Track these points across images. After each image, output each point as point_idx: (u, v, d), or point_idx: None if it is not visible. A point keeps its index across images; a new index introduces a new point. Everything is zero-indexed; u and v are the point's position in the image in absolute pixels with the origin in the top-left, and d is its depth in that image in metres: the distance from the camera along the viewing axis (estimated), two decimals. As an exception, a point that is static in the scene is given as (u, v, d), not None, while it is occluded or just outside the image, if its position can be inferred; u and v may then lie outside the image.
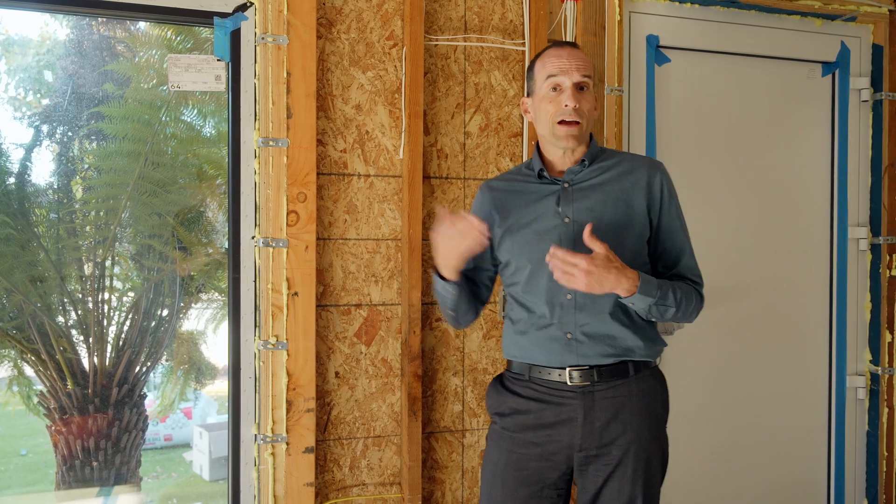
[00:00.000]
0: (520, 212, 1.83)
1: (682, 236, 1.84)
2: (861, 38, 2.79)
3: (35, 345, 3.99)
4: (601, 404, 1.76)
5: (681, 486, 2.63)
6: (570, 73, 1.75)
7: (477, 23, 2.34)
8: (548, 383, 1.79)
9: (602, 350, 1.76)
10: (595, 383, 1.76)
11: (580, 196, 1.79)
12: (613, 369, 1.77)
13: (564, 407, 1.77)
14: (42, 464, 4.68)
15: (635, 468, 1.76)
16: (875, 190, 2.80)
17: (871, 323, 2.80)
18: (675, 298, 1.74)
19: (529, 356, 1.81)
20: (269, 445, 2.12)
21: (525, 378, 1.82)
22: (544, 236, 1.78)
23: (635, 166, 1.82)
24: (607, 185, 1.80)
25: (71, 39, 4.04)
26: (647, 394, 1.79)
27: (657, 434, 1.80)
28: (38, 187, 4.09)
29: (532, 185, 1.85)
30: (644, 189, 1.79)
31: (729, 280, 2.67)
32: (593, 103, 1.80)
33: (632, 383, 1.77)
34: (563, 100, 1.75)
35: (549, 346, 1.78)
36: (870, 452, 2.81)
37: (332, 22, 2.21)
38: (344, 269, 2.23)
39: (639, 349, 1.78)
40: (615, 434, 1.75)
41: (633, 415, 1.76)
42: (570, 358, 1.76)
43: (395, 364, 2.28)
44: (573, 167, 1.80)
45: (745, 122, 2.69)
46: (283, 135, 2.12)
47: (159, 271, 4.35)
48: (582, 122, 1.75)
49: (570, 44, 1.83)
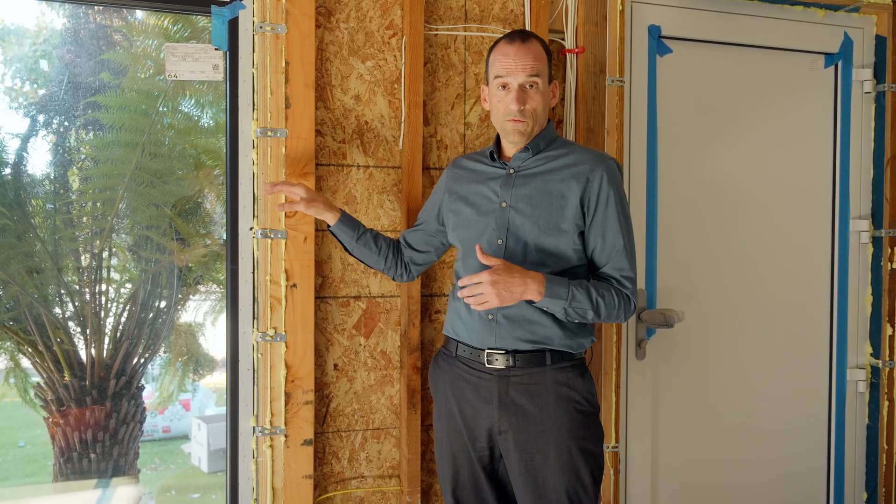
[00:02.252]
0: (468, 191, 1.91)
1: (618, 235, 1.81)
2: (864, 29, 2.77)
3: (32, 336, 3.98)
4: (516, 388, 1.80)
5: (681, 477, 2.63)
6: (515, 75, 1.78)
7: (477, 12, 2.31)
8: (469, 362, 1.86)
9: (521, 334, 1.79)
10: (511, 368, 1.80)
11: (521, 183, 1.84)
12: (531, 356, 1.80)
13: (482, 388, 1.82)
14: (40, 455, 4.67)
15: (558, 457, 1.77)
16: (877, 182, 2.78)
17: (872, 316, 2.80)
18: (591, 300, 1.74)
19: (456, 332, 1.89)
20: (267, 438, 2.11)
21: (452, 355, 1.90)
22: (482, 218, 1.85)
23: (581, 160, 1.83)
24: (548, 175, 1.83)
25: (67, 28, 4.01)
26: (565, 383, 1.80)
27: (580, 424, 1.80)
28: (34, 178, 4.06)
29: (486, 167, 1.92)
30: (582, 183, 1.80)
31: (729, 273, 2.66)
32: (543, 99, 1.81)
33: (548, 372, 1.79)
34: (509, 101, 1.78)
35: (474, 325, 1.83)
36: (870, 445, 2.81)
37: (331, 11, 2.19)
38: (343, 260, 2.22)
39: (558, 338, 1.80)
40: (532, 421, 1.78)
41: (550, 403, 1.79)
42: (489, 339, 1.81)
43: (394, 356, 2.27)
44: (518, 153, 1.86)
45: (746, 112, 2.67)
46: (282, 125, 2.10)
47: (157, 262, 4.33)
48: (528, 121, 1.80)
49: (521, 36, 1.81)
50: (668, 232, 2.57)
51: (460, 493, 1.92)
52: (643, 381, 2.56)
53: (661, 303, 2.57)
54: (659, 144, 2.55)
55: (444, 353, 1.95)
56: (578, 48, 2.36)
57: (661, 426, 2.59)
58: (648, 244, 2.54)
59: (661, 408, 2.59)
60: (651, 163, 2.54)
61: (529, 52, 1.78)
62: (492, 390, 1.81)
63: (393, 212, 2.26)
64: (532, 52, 1.78)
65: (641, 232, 2.53)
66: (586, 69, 2.36)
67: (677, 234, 2.59)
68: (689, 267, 2.61)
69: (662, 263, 2.57)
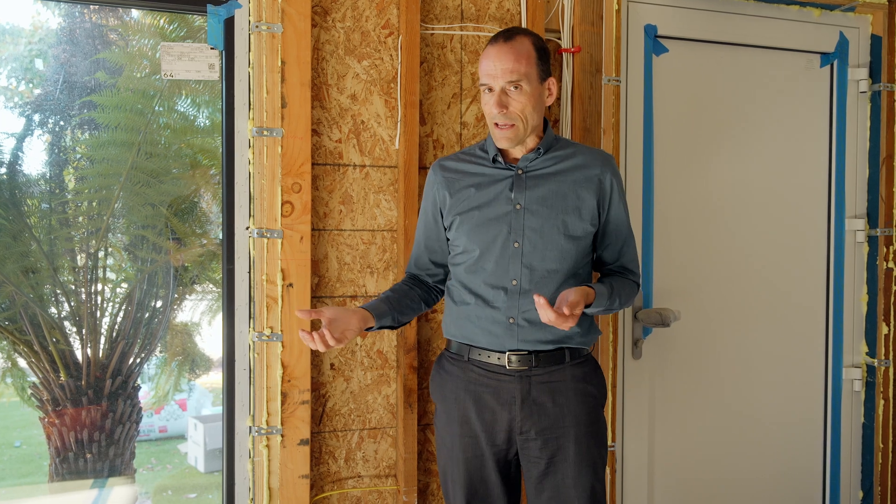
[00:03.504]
0: (472, 194, 1.86)
1: (626, 230, 1.90)
2: (860, 28, 2.77)
3: (28, 336, 3.96)
4: (538, 388, 1.81)
5: (677, 476, 2.63)
6: (495, 79, 1.77)
7: (473, 11, 2.31)
8: (486, 365, 1.84)
9: (542, 336, 1.80)
10: (532, 368, 1.81)
11: (533, 184, 1.82)
12: (551, 355, 1.82)
13: (502, 390, 1.81)
14: (36, 455, 4.66)
15: (577, 451, 1.80)
16: (873, 182, 2.79)
17: (868, 315, 2.80)
18: (620, 299, 1.83)
19: (470, 337, 1.85)
20: (263, 437, 2.11)
21: (464, 359, 1.87)
22: (494, 221, 1.82)
23: (589, 160, 1.86)
24: (561, 176, 1.83)
25: (63, 28, 4.00)
26: (583, 379, 1.84)
27: (595, 418, 1.85)
28: (29, 177, 4.05)
29: (486, 169, 1.88)
30: (596, 184, 1.84)
31: (726, 272, 2.67)
32: (530, 100, 1.77)
33: (567, 369, 1.83)
34: (491, 105, 1.78)
35: (492, 328, 1.82)
36: (865, 444, 2.82)
37: (328, 10, 2.18)
38: (339, 260, 2.22)
39: (577, 336, 1.83)
40: (553, 418, 1.80)
41: (570, 399, 1.81)
42: (510, 342, 1.80)
43: (390, 356, 2.27)
44: (528, 154, 1.84)
45: (742, 112, 2.68)
46: (278, 124, 2.10)
47: (153, 262, 4.32)
48: (516, 124, 1.78)
49: (505, 35, 1.79)
50: (665, 231, 2.57)
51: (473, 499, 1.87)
52: (640, 380, 2.57)
53: (658, 302, 2.58)
54: (655, 143, 2.55)
55: (451, 358, 1.90)
56: (575, 48, 2.36)
57: (657, 425, 2.60)
58: (645, 243, 2.54)
59: (658, 407, 2.60)
60: (647, 162, 2.54)
61: (511, 52, 1.75)
62: (513, 391, 1.80)
63: (389, 211, 2.26)
64: (514, 52, 1.75)
65: (638, 231, 2.53)
66: (582, 69, 2.37)
67: (674, 232, 2.59)
68: (686, 266, 2.62)
69: (659, 262, 2.57)
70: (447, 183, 1.90)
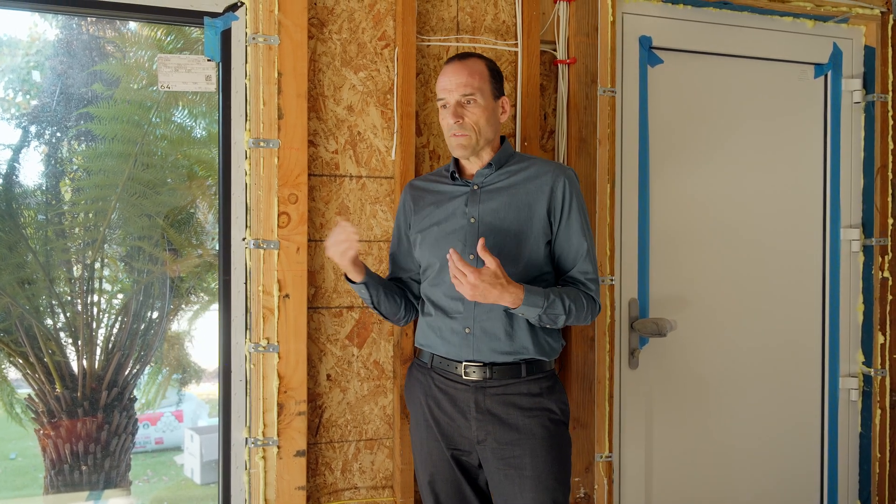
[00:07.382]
0: (432, 211, 1.94)
1: (581, 240, 1.89)
2: (853, 39, 2.79)
3: (23, 348, 3.95)
4: (492, 399, 1.84)
5: (674, 487, 2.62)
6: (451, 93, 1.86)
7: (469, 23, 2.33)
8: (445, 373, 1.89)
9: (497, 346, 1.83)
10: (487, 379, 1.84)
11: (487, 198, 1.88)
12: (507, 368, 1.85)
13: (458, 399, 1.86)
14: (31, 468, 4.63)
15: (533, 465, 1.81)
16: (867, 192, 2.80)
17: (864, 324, 2.81)
18: (564, 306, 1.80)
19: (433, 346, 1.91)
20: (260, 449, 2.10)
21: (428, 366, 1.94)
22: (451, 235, 1.89)
23: (542, 171, 1.90)
24: (513, 189, 1.88)
25: (60, 39, 4.01)
26: (540, 394, 1.86)
27: (553, 433, 1.85)
28: (26, 189, 4.05)
29: (446, 186, 1.95)
30: (547, 194, 1.87)
31: (721, 281, 2.67)
32: (484, 113, 1.85)
33: (524, 384, 1.85)
34: (447, 117, 1.86)
35: (450, 338, 1.87)
36: (862, 454, 2.81)
37: (324, 22, 2.19)
38: (336, 270, 2.21)
39: (533, 347, 1.85)
40: (508, 431, 1.82)
41: (525, 413, 1.83)
42: (466, 352, 1.85)
43: (387, 366, 2.26)
44: (482, 170, 1.91)
45: (737, 123, 2.69)
46: (275, 136, 2.10)
47: (149, 273, 4.31)
48: (469, 134, 1.85)
49: (459, 56, 1.90)
50: (660, 241, 2.58)
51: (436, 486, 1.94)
52: (636, 390, 2.56)
53: (654, 312, 2.58)
54: (650, 154, 2.56)
55: (419, 365, 1.99)
56: (570, 59, 2.38)
57: (654, 435, 2.59)
58: (641, 253, 2.55)
59: (655, 417, 2.59)
60: (643, 172, 2.55)
61: (465, 69, 1.85)
62: (468, 401, 1.85)
63: (385, 222, 2.26)
64: (467, 69, 1.85)
65: (633, 241, 2.54)
66: (578, 80, 2.38)
67: (669, 243, 2.60)
68: (682, 276, 2.62)
69: (654, 272, 2.57)
70: (413, 202, 2.00)
